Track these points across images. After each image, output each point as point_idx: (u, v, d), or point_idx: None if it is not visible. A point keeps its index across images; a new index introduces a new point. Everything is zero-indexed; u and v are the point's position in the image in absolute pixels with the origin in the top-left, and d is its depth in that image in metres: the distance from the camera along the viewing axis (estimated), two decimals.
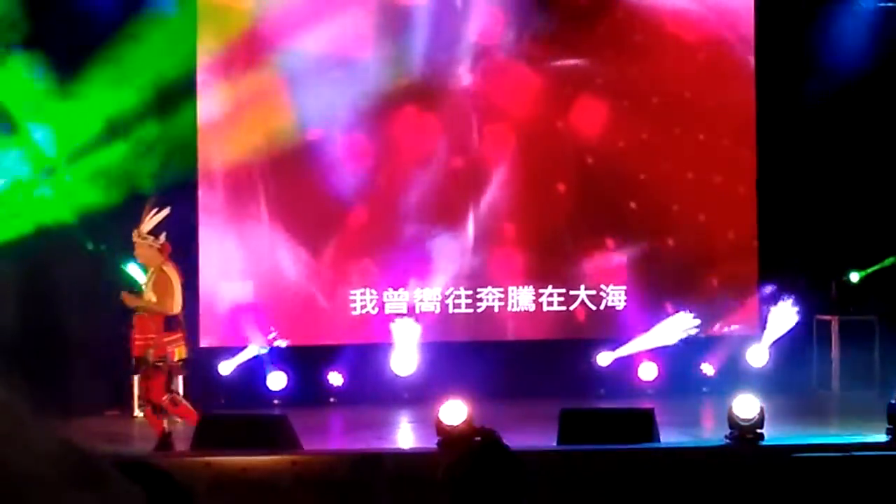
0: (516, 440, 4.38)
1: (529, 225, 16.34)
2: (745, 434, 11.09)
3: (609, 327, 16.45)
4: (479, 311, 16.32)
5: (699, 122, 16.52)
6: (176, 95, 15.21)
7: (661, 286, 16.44)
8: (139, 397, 13.85)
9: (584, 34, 16.36)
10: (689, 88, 16.46)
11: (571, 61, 16.33)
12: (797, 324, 16.25)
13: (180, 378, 13.20)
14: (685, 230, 16.47)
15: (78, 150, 14.76)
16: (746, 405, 11.18)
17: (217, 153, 15.78)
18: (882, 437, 11.11)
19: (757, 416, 11.15)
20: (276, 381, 15.79)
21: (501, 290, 16.34)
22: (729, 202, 16.54)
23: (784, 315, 16.18)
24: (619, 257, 16.45)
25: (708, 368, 16.27)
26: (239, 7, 15.74)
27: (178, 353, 12.42)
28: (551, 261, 16.38)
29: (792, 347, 16.27)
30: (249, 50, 15.68)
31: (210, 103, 15.70)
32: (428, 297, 16.21)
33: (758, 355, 16.34)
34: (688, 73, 16.44)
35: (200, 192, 15.76)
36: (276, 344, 15.67)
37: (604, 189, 16.35)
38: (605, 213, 16.41)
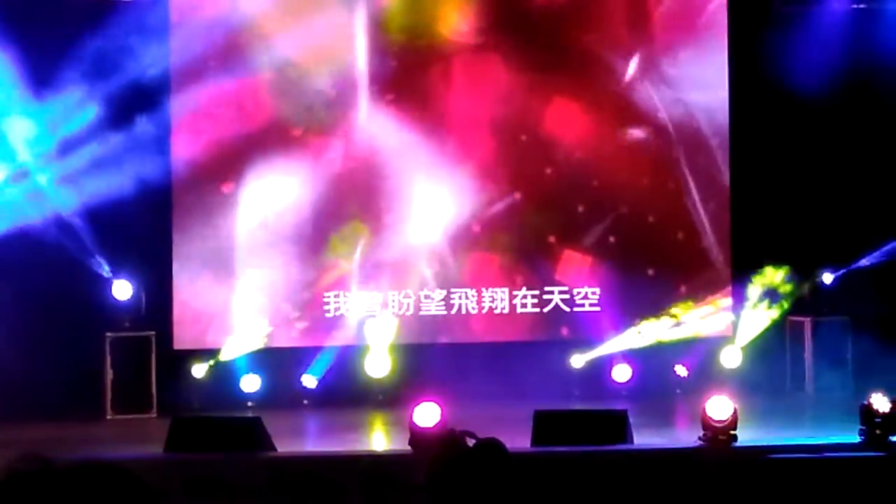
0: None
1: (503, 226, 16.33)
2: (718, 435, 11.10)
3: (583, 329, 16.46)
4: (452, 312, 16.31)
5: (671, 129, 16.53)
6: (149, 95, 15.17)
7: (634, 288, 16.44)
8: None
9: (550, 47, 16.37)
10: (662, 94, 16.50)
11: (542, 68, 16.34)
12: (770, 325, 16.29)
13: None
14: (659, 233, 16.49)
15: (52, 151, 14.70)
16: (720, 406, 11.20)
17: (191, 154, 15.71)
18: (855, 438, 11.15)
19: (730, 418, 11.16)
20: (250, 383, 15.76)
21: (475, 291, 16.34)
22: (704, 205, 16.55)
23: (757, 316, 16.22)
24: (592, 259, 16.46)
25: (681, 370, 16.28)
26: (213, 6, 15.68)
27: None
28: (525, 262, 16.39)
29: (765, 349, 16.31)
30: (225, 49, 15.62)
31: (183, 103, 15.64)
32: (401, 298, 16.19)
33: (731, 356, 16.37)
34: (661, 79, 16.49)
35: (174, 193, 15.71)
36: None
37: (578, 192, 16.36)
38: (579, 215, 16.42)
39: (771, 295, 16.27)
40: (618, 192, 16.41)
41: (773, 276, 16.26)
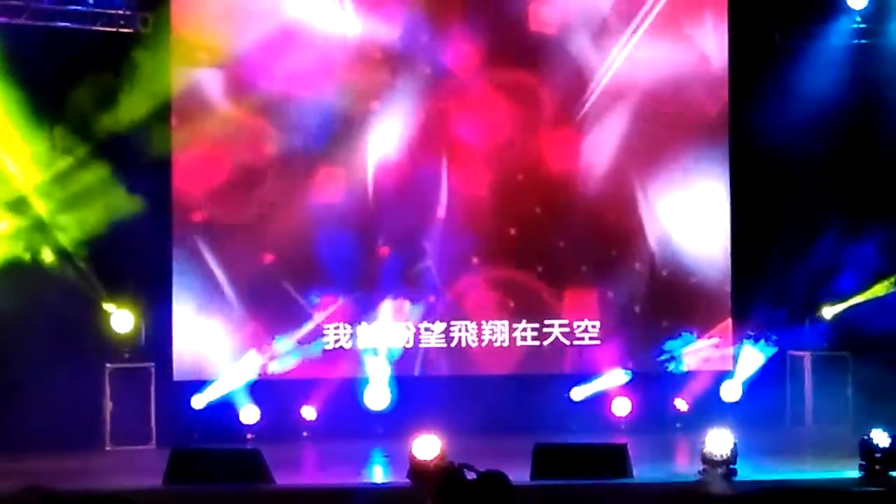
0: None
1: (504, 259, 16.33)
2: (718, 469, 11.10)
3: (583, 362, 16.44)
4: (452, 345, 16.30)
5: (673, 164, 16.54)
6: (150, 126, 15.17)
7: (634, 322, 16.44)
8: None
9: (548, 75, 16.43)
10: (662, 128, 16.51)
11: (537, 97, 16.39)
12: (770, 359, 16.26)
13: None
14: (659, 268, 16.48)
15: (52, 181, 14.72)
16: (720, 441, 11.20)
17: (191, 184, 15.73)
18: (855, 473, 11.14)
19: (730, 452, 11.17)
20: (250, 415, 15.74)
21: (475, 324, 16.33)
22: (704, 240, 16.56)
23: (757, 351, 16.21)
24: (592, 293, 16.45)
25: (681, 404, 16.26)
26: (213, 39, 15.70)
27: None
28: (525, 296, 16.37)
29: (765, 383, 16.28)
30: (226, 80, 15.66)
31: (185, 134, 15.66)
32: (401, 331, 16.17)
33: (731, 391, 16.34)
34: (662, 113, 16.50)
35: (175, 224, 15.71)
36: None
37: (578, 225, 16.36)
38: (579, 249, 16.40)
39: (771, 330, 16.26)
40: (620, 228, 16.42)
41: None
